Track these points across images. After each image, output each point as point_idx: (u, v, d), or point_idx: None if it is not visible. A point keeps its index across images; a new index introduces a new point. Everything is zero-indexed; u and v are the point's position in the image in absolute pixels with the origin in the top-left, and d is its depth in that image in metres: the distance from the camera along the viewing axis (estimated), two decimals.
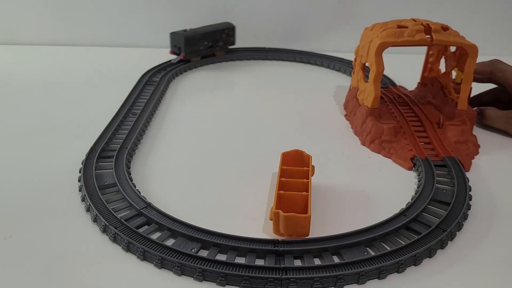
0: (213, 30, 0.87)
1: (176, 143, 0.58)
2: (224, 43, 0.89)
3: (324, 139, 0.60)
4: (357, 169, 0.53)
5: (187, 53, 0.84)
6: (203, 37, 0.85)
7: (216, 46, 0.88)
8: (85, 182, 0.46)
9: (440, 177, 0.49)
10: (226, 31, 0.88)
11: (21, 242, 0.39)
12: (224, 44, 0.89)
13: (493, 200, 0.47)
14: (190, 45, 0.83)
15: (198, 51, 0.85)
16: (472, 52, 0.56)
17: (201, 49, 0.86)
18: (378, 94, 0.58)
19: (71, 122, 0.62)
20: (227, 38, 0.89)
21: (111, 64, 0.87)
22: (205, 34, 0.85)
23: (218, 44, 0.88)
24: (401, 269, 0.37)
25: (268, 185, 0.48)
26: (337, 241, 0.39)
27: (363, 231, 0.40)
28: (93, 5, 0.96)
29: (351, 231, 0.40)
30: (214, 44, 0.87)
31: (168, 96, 0.73)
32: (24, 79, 0.78)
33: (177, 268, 0.36)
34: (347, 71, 0.85)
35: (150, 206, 0.43)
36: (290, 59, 0.92)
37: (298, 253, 0.38)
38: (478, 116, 0.63)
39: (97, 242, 0.40)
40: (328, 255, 0.38)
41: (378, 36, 0.57)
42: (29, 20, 0.96)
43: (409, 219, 0.42)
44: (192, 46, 0.84)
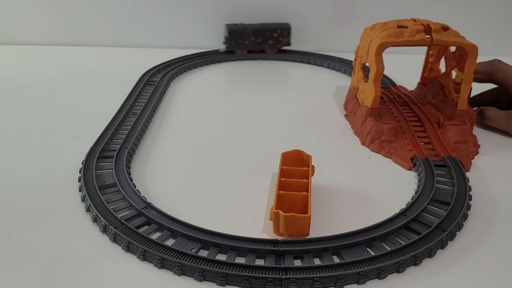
0: (263, 28, 0.89)
1: (176, 143, 0.58)
2: (275, 42, 0.90)
3: (324, 139, 0.60)
4: (357, 169, 0.53)
5: (230, 45, 0.90)
6: (251, 32, 0.88)
7: (266, 43, 0.89)
8: (85, 182, 0.46)
9: (440, 177, 0.49)
10: (279, 31, 0.89)
11: (21, 242, 0.39)
12: (275, 43, 0.90)
13: (493, 200, 0.47)
14: (234, 38, 0.89)
15: (243, 44, 0.89)
16: (472, 52, 0.56)
17: (246, 43, 0.89)
18: (378, 94, 0.58)
19: (71, 122, 0.62)
20: (279, 37, 0.90)
21: (111, 64, 0.87)
22: (253, 30, 0.88)
23: (268, 42, 0.89)
24: (401, 269, 0.37)
25: (268, 185, 0.48)
26: (337, 241, 0.39)
27: (363, 231, 0.40)
28: (93, 5, 0.96)
29: (351, 231, 0.40)
30: (263, 41, 0.89)
31: (168, 96, 0.73)
32: (24, 79, 0.78)
33: (177, 268, 0.36)
34: (347, 71, 0.85)
35: (150, 206, 0.43)
36: (290, 59, 0.92)
37: (298, 253, 0.38)
38: (478, 116, 0.63)
39: (97, 242, 0.40)
40: (328, 255, 0.38)
41: (378, 36, 0.57)
42: (29, 20, 0.96)
43: (409, 219, 0.42)
44: (236, 39, 0.89)
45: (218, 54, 0.92)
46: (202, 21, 0.98)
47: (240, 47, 0.90)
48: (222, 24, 0.97)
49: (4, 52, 0.92)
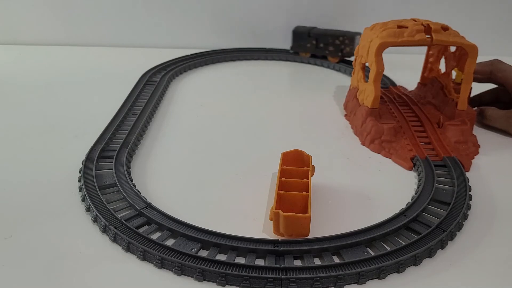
0: (326, 34, 0.87)
1: (176, 143, 0.58)
2: (335, 49, 0.87)
3: (324, 139, 0.60)
4: (357, 169, 0.53)
5: (293, 46, 0.92)
6: (313, 36, 0.88)
7: (326, 49, 0.88)
8: (85, 182, 0.46)
9: (440, 177, 0.49)
10: (341, 38, 0.85)
11: (21, 242, 0.39)
12: (335, 50, 0.87)
13: (493, 200, 0.47)
14: (296, 40, 0.91)
15: (305, 47, 0.90)
16: (472, 52, 0.56)
17: (308, 46, 0.89)
18: (378, 94, 0.58)
19: (71, 122, 0.62)
20: (341, 45, 0.86)
21: (111, 64, 0.87)
22: (316, 34, 0.88)
23: (329, 48, 0.87)
24: (401, 269, 0.37)
25: (268, 185, 0.48)
26: (337, 241, 0.39)
27: (363, 231, 0.40)
28: (93, 5, 0.96)
29: (351, 231, 0.40)
30: (324, 46, 0.88)
31: (168, 96, 0.73)
32: (24, 79, 0.78)
33: (177, 268, 0.36)
34: (347, 71, 0.85)
35: (150, 206, 0.43)
36: (290, 59, 0.92)
37: (298, 253, 0.38)
38: (478, 115, 0.63)
39: (97, 242, 0.40)
40: (328, 255, 0.38)
41: (378, 36, 0.57)
42: (29, 20, 0.97)
43: (409, 219, 0.42)
44: (299, 41, 0.90)
45: (218, 54, 0.92)
46: (202, 21, 0.98)
47: (303, 49, 0.90)
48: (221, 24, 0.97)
49: (4, 52, 0.92)
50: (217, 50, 0.94)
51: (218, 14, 0.98)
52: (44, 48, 0.95)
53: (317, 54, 0.90)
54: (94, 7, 0.96)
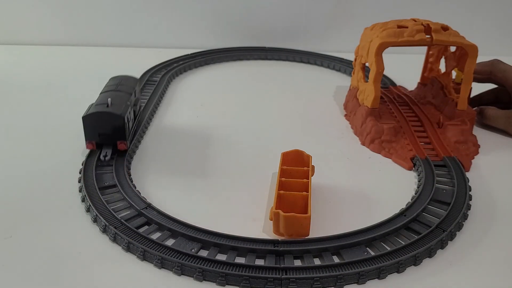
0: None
1: (176, 143, 0.58)
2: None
3: (324, 139, 0.60)
4: (357, 169, 0.53)
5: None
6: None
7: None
8: (85, 183, 0.46)
9: (440, 177, 0.49)
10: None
11: (21, 242, 0.39)
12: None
13: (493, 200, 0.47)
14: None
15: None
16: (472, 52, 0.56)
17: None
18: (378, 94, 0.58)
19: (71, 122, 0.62)
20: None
21: (111, 64, 0.87)
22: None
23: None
24: (401, 269, 0.37)
25: (268, 185, 0.48)
26: (337, 241, 0.39)
27: (363, 231, 0.40)
28: (93, 5, 0.96)
29: (351, 231, 0.40)
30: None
31: (168, 96, 0.73)
32: (24, 79, 0.78)
33: (177, 268, 0.36)
34: (347, 71, 0.85)
35: (150, 206, 0.43)
36: (290, 59, 0.92)
37: (298, 253, 0.38)
38: (478, 115, 0.63)
39: (97, 242, 0.40)
40: (328, 255, 0.38)
41: (378, 36, 0.57)
42: (29, 20, 0.96)
43: (409, 219, 0.42)
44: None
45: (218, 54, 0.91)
46: (202, 21, 0.98)
47: None
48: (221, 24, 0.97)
49: (4, 52, 0.92)
50: (217, 50, 0.94)
51: (218, 14, 0.98)
52: (44, 48, 0.95)
53: None
54: (94, 7, 0.96)
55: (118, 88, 0.56)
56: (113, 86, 0.56)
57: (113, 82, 0.58)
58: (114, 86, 0.56)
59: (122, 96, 0.54)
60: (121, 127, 0.50)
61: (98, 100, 0.53)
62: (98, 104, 0.51)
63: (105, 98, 0.52)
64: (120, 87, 0.56)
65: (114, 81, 0.58)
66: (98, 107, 0.51)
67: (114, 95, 0.53)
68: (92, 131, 0.50)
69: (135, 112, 0.58)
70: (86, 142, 0.51)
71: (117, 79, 0.59)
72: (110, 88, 0.56)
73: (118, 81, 0.58)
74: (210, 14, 0.97)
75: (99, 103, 0.51)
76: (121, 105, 0.51)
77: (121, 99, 0.53)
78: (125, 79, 0.59)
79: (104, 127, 0.50)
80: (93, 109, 0.50)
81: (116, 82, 0.58)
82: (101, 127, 0.50)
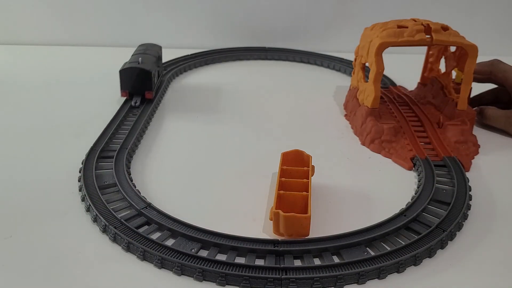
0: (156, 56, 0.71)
1: (176, 143, 0.58)
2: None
3: (324, 139, 0.60)
4: (357, 169, 0.53)
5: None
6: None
7: None
8: (85, 182, 0.46)
9: (440, 177, 0.49)
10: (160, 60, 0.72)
11: (21, 242, 0.39)
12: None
13: (493, 200, 0.47)
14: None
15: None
16: (472, 52, 0.56)
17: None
18: (378, 94, 0.58)
19: (71, 122, 0.62)
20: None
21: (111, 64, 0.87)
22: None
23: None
24: (401, 269, 0.37)
25: (268, 185, 0.48)
26: (337, 241, 0.39)
27: (363, 231, 0.40)
28: (93, 5, 0.96)
29: (351, 231, 0.40)
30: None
31: (168, 96, 0.73)
32: (24, 79, 0.78)
33: (177, 268, 0.36)
34: (347, 71, 0.85)
35: (150, 206, 0.43)
36: (290, 59, 0.92)
37: (298, 253, 0.38)
38: (478, 115, 0.63)
39: (97, 242, 0.40)
40: (328, 255, 0.38)
41: (378, 36, 0.57)
42: (29, 20, 0.96)
43: (409, 219, 0.42)
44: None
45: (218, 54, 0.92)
46: (202, 21, 0.98)
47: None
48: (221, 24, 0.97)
49: (4, 52, 0.92)
50: (217, 50, 0.94)
51: (218, 14, 0.98)
52: (44, 48, 0.95)
53: None
54: (94, 7, 0.96)
55: (146, 52, 0.70)
56: (141, 50, 0.71)
57: (141, 48, 0.72)
58: (142, 50, 0.71)
59: (149, 57, 0.68)
60: (148, 80, 0.64)
61: (131, 59, 0.67)
62: (131, 62, 0.66)
63: (136, 58, 0.66)
64: (147, 51, 0.71)
65: (142, 47, 0.73)
66: (131, 64, 0.65)
67: (143, 56, 0.68)
68: (126, 82, 0.64)
69: (158, 72, 0.72)
70: (121, 91, 0.65)
71: (145, 46, 0.74)
72: (139, 52, 0.70)
73: (145, 47, 0.72)
74: (210, 14, 0.97)
75: (131, 61, 0.66)
76: (149, 63, 0.66)
77: (148, 59, 0.67)
78: (151, 46, 0.74)
79: (135, 80, 0.64)
80: (128, 65, 0.64)
81: (144, 48, 0.72)
82: (133, 80, 0.64)
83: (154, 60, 0.68)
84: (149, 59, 0.67)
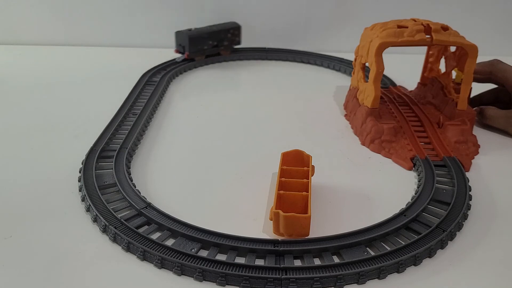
0: (218, 30, 0.87)
1: (176, 143, 0.58)
2: (229, 42, 0.89)
3: (324, 139, 0.60)
4: (357, 169, 0.53)
5: (192, 52, 0.85)
6: (208, 36, 0.86)
7: (221, 45, 0.88)
8: (85, 182, 0.46)
9: (440, 177, 0.49)
10: (231, 31, 0.88)
11: (21, 242, 0.39)
12: (229, 43, 0.89)
13: (493, 200, 0.47)
14: (194, 44, 0.84)
15: (202, 50, 0.86)
16: (472, 52, 0.56)
17: (205, 48, 0.86)
18: (378, 94, 0.58)
19: (71, 122, 0.62)
20: (232, 37, 0.89)
21: (111, 64, 0.87)
22: (210, 34, 0.86)
23: (223, 43, 0.88)
24: (401, 269, 0.37)
25: (268, 185, 0.48)
26: (337, 241, 0.39)
27: (363, 231, 0.40)
28: (93, 5, 0.96)
29: (351, 231, 0.40)
30: (219, 43, 0.87)
31: (168, 96, 0.73)
32: (24, 79, 0.78)
33: (177, 268, 0.36)
34: (347, 71, 0.85)
35: (150, 206, 0.43)
36: (290, 59, 0.92)
37: (298, 253, 0.38)
38: (478, 115, 0.63)
39: (97, 242, 0.40)
40: (328, 255, 0.38)
41: (378, 36, 0.57)
42: (29, 20, 0.96)
43: (409, 219, 0.42)
44: (197, 45, 0.85)
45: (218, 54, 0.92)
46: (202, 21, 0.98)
47: (200, 53, 0.86)
48: None
49: (4, 52, 0.92)
50: None
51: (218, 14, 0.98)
52: (44, 48, 0.95)
53: (212, 53, 0.89)
54: (94, 7, 0.96)
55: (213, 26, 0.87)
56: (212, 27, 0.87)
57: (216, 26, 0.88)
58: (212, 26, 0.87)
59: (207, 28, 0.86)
60: (187, 43, 0.83)
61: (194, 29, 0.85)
62: (189, 29, 0.84)
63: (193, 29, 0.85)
64: (214, 27, 0.87)
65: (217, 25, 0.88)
66: (185, 29, 0.84)
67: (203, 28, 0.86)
68: (177, 42, 0.85)
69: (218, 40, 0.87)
70: (175, 49, 0.86)
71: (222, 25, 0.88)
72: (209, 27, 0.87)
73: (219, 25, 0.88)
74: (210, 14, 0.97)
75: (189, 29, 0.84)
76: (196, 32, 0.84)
77: (202, 30, 0.85)
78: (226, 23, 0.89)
79: (181, 41, 0.84)
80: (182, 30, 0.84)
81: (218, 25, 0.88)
82: (179, 41, 0.85)
83: (206, 31, 0.84)
84: (204, 30, 0.84)
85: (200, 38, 0.85)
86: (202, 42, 0.85)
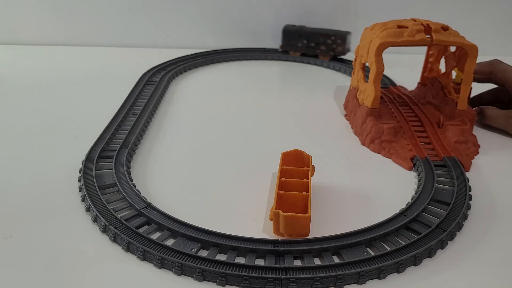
0: (317, 32, 0.88)
1: (176, 143, 0.58)
2: (328, 48, 0.88)
3: (324, 139, 0.60)
4: (357, 169, 0.53)
5: (284, 45, 0.92)
6: (304, 35, 0.89)
7: (318, 49, 0.89)
8: (85, 182, 0.46)
9: (440, 177, 0.49)
10: (333, 38, 0.87)
11: (21, 242, 0.39)
12: (328, 49, 0.88)
13: (493, 200, 0.47)
14: (287, 38, 0.91)
15: (295, 46, 0.90)
16: (472, 52, 0.56)
17: (299, 46, 0.90)
18: (378, 94, 0.58)
19: (71, 122, 0.62)
20: (333, 44, 0.88)
21: (111, 64, 0.87)
22: (307, 33, 0.89)
23: (320, 47, 0.88)
24: (401, 269, 0.37)
25: (268, 185, 0.48)
26: (337, 241, 0.39)
27: (363, 231, 0.40)
28: (93, 5, 0.96)
29: (351, 231, 0.40)
30: (316, 46, 0.89)
31: (168, 96, 0.73)
32: (24, 79, 0.78)
33: (177, 268, 0.36)
34: (347, 71, 0.85)
35: (150, 206, 0.43)
36: (290, 59, 0.92)
37: (298, 253, 0.38)
38: (478, 115, 0.63)
39: (97, 242, 0.40)
40: (328, 255, 0.38)
41: (378, 36, 0.57)
42: (29, 20, 0.97)
43: (409, 219, 0.42)
44: (290, 39, 0.91)
45: (218, 54, 0.92)
46: (202, 21, 0.98)
47: (293, 48, 0.91)
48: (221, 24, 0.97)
49: (4, 52, 0.92)
50: (217, 50, 0.94)
51: (218, 14, 0.98)
52: (44, 48, 0.95)
53: (308, 53, 0.91)
54: (94, 7, 0.96)
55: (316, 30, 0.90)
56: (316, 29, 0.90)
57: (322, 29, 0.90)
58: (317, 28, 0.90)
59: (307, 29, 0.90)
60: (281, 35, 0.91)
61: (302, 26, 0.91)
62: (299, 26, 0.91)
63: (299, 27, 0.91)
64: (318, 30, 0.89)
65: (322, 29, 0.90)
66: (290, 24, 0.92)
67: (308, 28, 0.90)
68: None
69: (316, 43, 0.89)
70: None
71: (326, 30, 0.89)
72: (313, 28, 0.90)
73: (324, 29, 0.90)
74: (210, 14, 0.97)
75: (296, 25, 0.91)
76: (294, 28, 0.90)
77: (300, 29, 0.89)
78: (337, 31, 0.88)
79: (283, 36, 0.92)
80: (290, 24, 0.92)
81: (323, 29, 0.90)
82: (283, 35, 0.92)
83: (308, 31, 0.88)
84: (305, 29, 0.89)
85: (295, 34, 0.89)
86: (296, 38, 0.89)
